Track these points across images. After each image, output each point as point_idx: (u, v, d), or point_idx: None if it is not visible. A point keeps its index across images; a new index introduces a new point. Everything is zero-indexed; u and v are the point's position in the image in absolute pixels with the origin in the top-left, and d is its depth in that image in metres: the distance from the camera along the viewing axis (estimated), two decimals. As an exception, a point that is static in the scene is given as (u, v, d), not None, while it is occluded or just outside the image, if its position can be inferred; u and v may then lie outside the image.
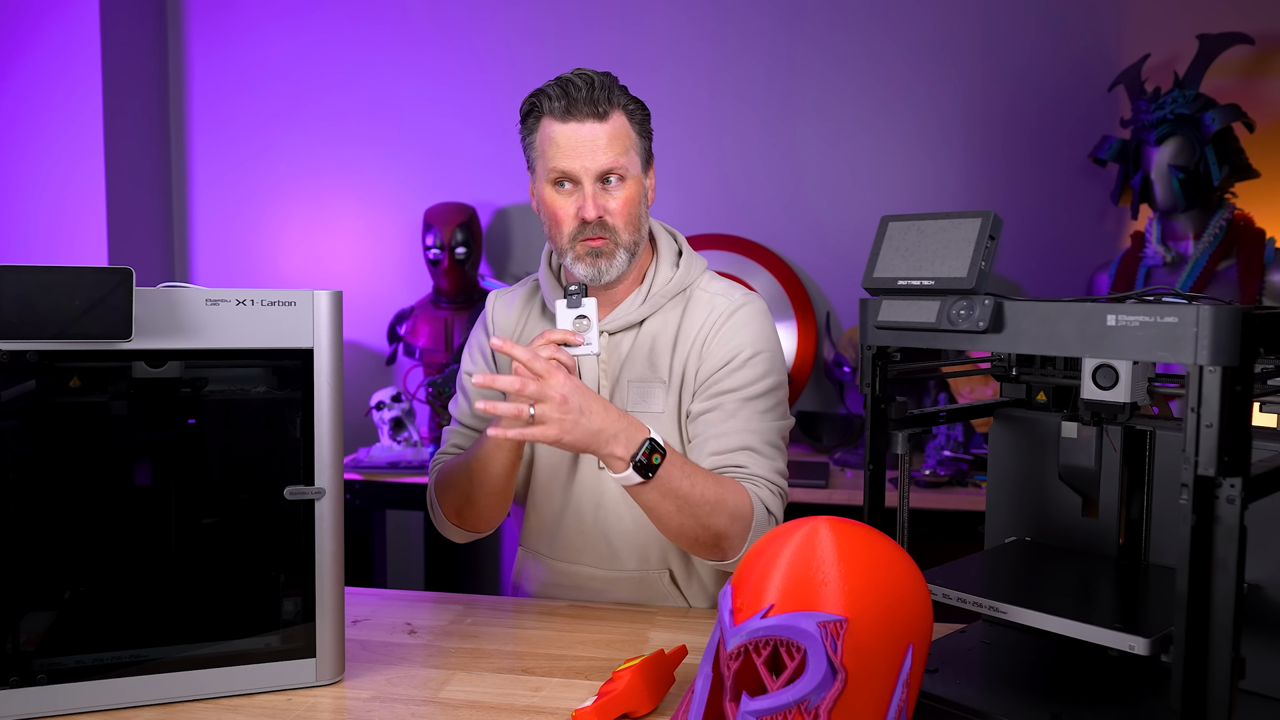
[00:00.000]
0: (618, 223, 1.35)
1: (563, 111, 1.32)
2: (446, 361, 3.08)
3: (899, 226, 1.01)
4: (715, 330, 1.39)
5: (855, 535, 0.87)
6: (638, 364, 1.41)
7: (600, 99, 1.31)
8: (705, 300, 1.43)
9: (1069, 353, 0.86)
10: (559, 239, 1.36)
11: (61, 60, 3.09)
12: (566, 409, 1.15)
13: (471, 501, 1.38)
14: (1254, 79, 2.90)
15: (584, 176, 1.32)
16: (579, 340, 1.24)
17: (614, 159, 1.33)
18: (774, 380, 1.39)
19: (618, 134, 1.33)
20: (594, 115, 1.31)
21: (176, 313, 1.06)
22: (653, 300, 1.42)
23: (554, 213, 1.35)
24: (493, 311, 1.54)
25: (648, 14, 3.21)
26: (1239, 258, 2.56)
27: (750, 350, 1.38)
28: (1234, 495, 0.77)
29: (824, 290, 3.20)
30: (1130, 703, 0.96)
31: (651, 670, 1.08)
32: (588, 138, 1.31)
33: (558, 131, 1.32)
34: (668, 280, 1.43)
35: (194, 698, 1.09)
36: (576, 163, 1.32)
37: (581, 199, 1.33)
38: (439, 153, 3.34)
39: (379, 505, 2.88)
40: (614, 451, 1.19)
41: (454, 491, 1.40)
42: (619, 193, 1.34)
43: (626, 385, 1.41)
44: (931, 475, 2.59)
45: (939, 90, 3.10)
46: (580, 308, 1.25)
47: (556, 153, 1.33)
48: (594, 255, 1.35)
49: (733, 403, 1.36)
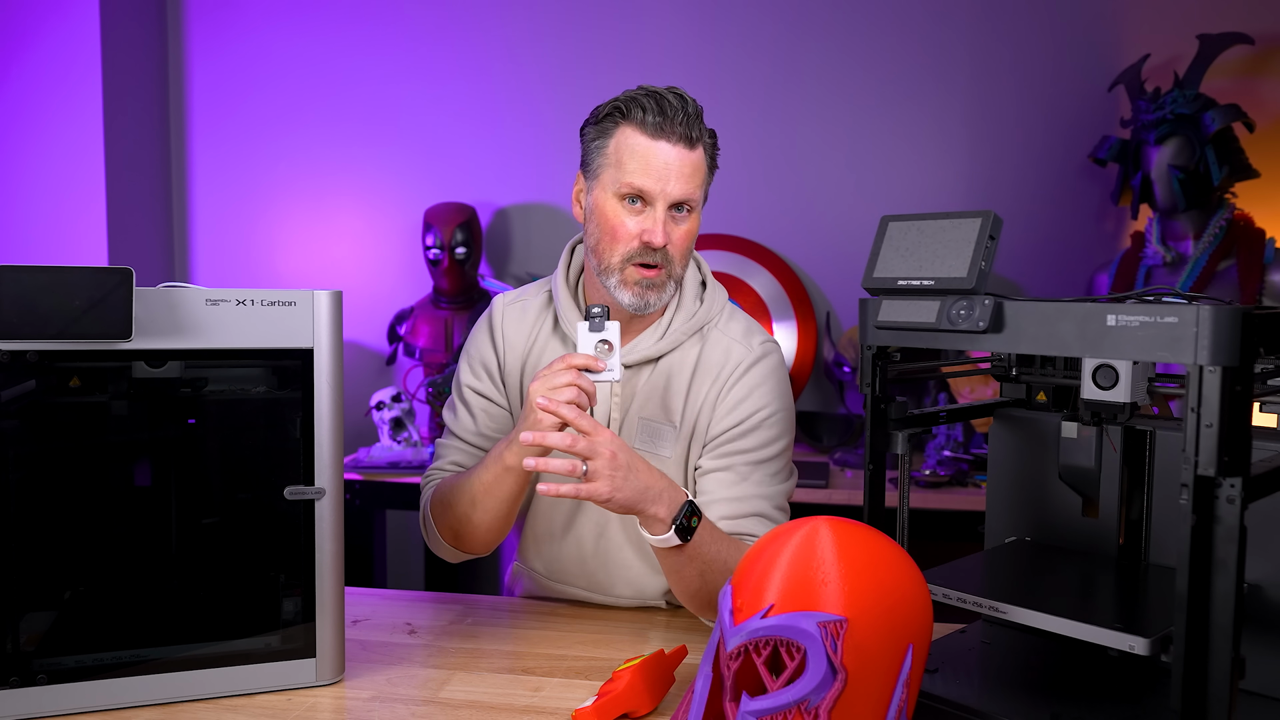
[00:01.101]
0: (676, 255, 1.29)
1: (655, 127, 1.25)
2: (446, 361, 3.08)
3: (899, 226, 1.01)
4: (731, 385, 1.35)
5: (855, 535, 0.87)
6: (651, 402, 1.36)
7: (694, 125, 1.26)
8: (723, 345, 1.37)
9: (1069, 353, 0.86)
10: (610, 256, 1.29)
11: (61, 60, 3.08)
12: (616, 465, 1.12)
13: (471, 524, 1.31)
14: (1254, 79, 2.90)
15: (659, 200, 1.26)
16: (601, 366, 1.17)
17: (693, 190, 1.28)
18: (785, 442, 1.37)
19: (699, 166, 1.28)
20: (685, 140, 1.26)
21: (176, 313, 1.06)
22: (671, 337, 1.36)
23: (614, 228, 1.28)
24: (502, 324, 1.43)
25: (648, 14, 3.21)
26: (1239, 258, 2.56)
27: (766, 411, 1.34)
28: (1234, 495, 0.77)
29: (824, 290, 3.20)
30: (1130, 703, 0.96)
31: (651, 670, 1.08)
32: (675, 161, 1.25)
33: (644, 146, 1.25)
34: (690, 316, 1.38)
35: (194, 698, 1.09)
36: (658, 184, 1.25)
37: (651, 221, 1.26)
38: (439, 153, 3.34)
39: (379, 505, 2.88)
40: (658, 512, 1.15)
41: (452, 513, 1.33)
42: (685, 224, 1.29)
43: (637, 422, 1.36)
44: (931, 475, 2.59)
45: (939, 90, 3.10)
46: (603, 331, 1.19)
47: (638, 168, 1.25)
48: (645, 286, 1.29)
49: (745, 465, 1.33)
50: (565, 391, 1.13)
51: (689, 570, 1.21)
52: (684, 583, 1.24)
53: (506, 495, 1.27)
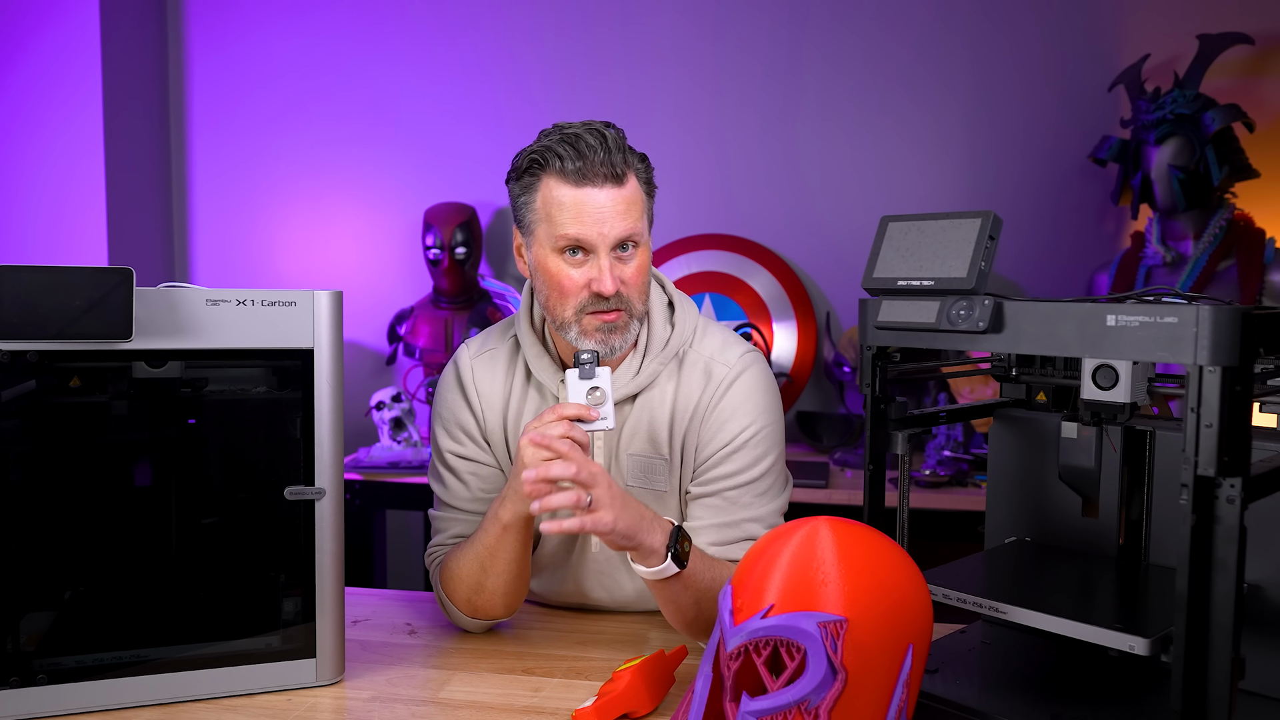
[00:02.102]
0: (632, 293, 1.24)
1: (576, 174, 1.19)
2: (446, 362, 3.08)
3: (899, 226, 1.01)
4: (713, 406, 1.30)
5: (855, 535, 0.87)
6: (638, 438, 1.32)
7: (617, 161, 1.20)
8: (700, 367, 1.32)
9: (1069, 353, 0.86)
10: (561, 311, 1.24)
11: (61, 60, 3.09)
12: (614, 494, 1.10)
13: (486, 591, 1.26)
14: (1254, 79, 2.90)
15: (600, 245, 1.20)
16: (594, 415, 1.13)
17: (632, 224, 1.21)
18: (773, 457, 1.32)
19: (634, 198, 1.22)
20: (611, 179, 1.20)
21: (176, 313, 1.06)
22: (647, 371, 1.31)
23: (560, 283, 1.22)
24: (473, 380, 1.37)
25: (648, 14, 3.21)
26: (1239, 258, 2.56)
27: (751, 430, 1.30)
28: (1234, 495, 0.77)
29: (824, 290, 3.20)
30: (1130, 703, 0.96)
31: (651, 670, 1.08)
32: (606, 204, 1.19)
33: (569, 197, 1.20)
34: (663, 345, 1.32)
35: (194, 698, 1.09)
36: (593, 230, 1.19)
37: (596, 270, 1.20)
38: (439, 153, 3.34)
39: (379, 505, 2.88)
40: (653, 542, 1.12)
41: (465, 585, 1.27)
42: (633, 261, 1.23)
43: (627, 459, 1.33)
44: (931, 475, 2.59)
45: (939, 90, 3.10)
46: (594, 379, 1.16)
47: (568, 219, 1.20)
48: (607, 331, 1.23)
49: (733, 490, 1.29)
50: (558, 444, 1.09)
51: (685, 599, 1.18)
52: (681, 613, 1.20)
53: (513, 555, 1.23)
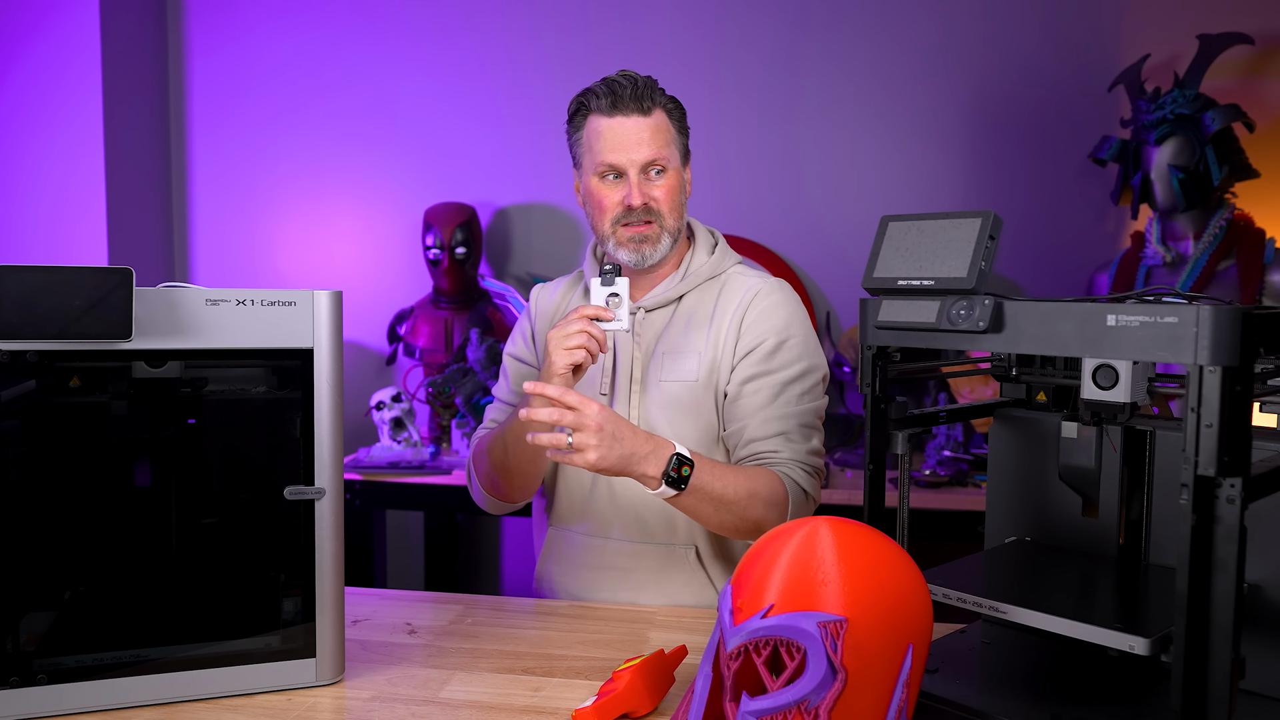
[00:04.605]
0: (663, 208, 1.43)
1: (609, 107, 1.41)
2: (446, 361, 3.08)
3: (899, 226, 1.01)
4: (749, 309, 1.46)
5: (855, 535, 0.87)
6: (673, 337, 1.48)
7: (644, 95, 1.41)
8: (740, 283, 1.49)
9: (1069, 353, 0.86)
10: (602, 226, 1.45)
11: (61, 60, 3.09)
12: (601, 435, 1.22)
13: (505, 470, 1.45)
14: (1254, 79, 2.90)
15: (630, 168, 1.41)
16: (610, 316, 1.31)
17: (657, 150, 1.41)
18: (806, 363, 1.45)
19: (660, 129, 1.42)
20: (639, 110, 1.41)
21: (176, 313, 1.06)
22: (689, 279, 1.49)
23: (599, 201, 1.44)
24: (536, 300, 1.63)
25: (648, 13, 3.21)
26: (1239, 258, 2.56)
27: (784, 334, 1.44)
28: (1234, 495, 0.77)
29: (824, 290, 3.20)
30: (1130, 703, 0.96)
31: (651, 670, 1.08)
32: (633, 131, 1.40)
33: (604, 126, 1.41)
34: (703, 264, 1.51)
35: (194, 698, 1.09)
36: (624, 155, 1.41)
37: (627, 187, 1.41)
38: (439, 153, 3.34)
39: (379, 505, 2.88)
40: (646, 472, 1.26)
41: (488, 461, 1.47)
42: (662, 181, 1.43)
43: (661, 356, 1.47)
44: (931, 475, 2.59)
45: (939, 90, 3.10)
46: (613, 286, 1.32)
47: (604, 146, 1.41)
48: (638, 241, 1.44)
49: (768, 389, 1.42)
50: (575, 338, 1.27)
51: (703, 510, 1.32)
52: (705, 519, 1.34)
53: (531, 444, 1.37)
